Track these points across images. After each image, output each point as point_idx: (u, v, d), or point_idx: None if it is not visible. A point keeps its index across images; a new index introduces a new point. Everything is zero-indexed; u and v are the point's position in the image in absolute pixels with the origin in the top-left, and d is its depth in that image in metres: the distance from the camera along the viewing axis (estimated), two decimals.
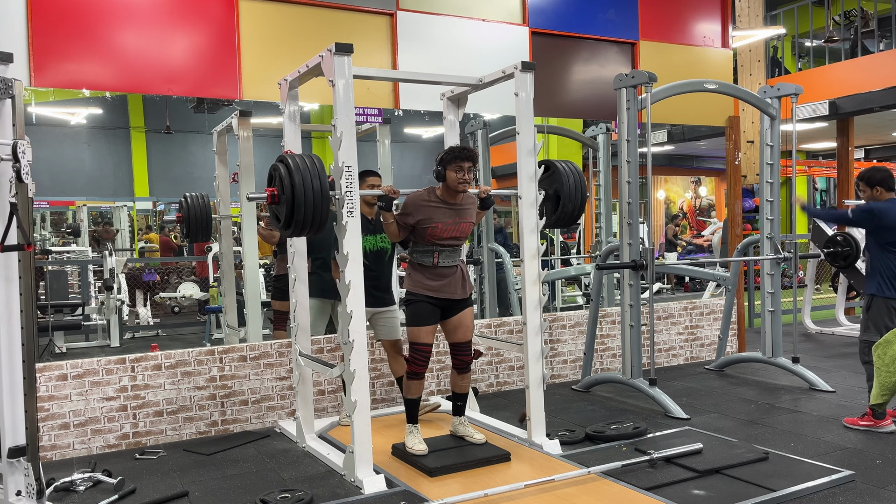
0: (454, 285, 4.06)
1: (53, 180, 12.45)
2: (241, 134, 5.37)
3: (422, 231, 3.98)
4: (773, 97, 5.85)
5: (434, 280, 4.02)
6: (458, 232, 4.04)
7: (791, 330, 6.15)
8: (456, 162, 3.91)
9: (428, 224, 3.96)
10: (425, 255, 4.03)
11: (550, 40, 6.09)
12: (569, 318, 6.16)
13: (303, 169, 3.57)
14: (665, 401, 4.99)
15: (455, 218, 4.02)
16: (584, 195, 4.54)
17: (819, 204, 16.49)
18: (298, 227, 3.63)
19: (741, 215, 7.10)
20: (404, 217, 3.99)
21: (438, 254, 4.02)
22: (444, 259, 4.03)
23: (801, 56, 12.47)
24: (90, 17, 4.54)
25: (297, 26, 5.11)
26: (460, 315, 4.11)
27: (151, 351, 4.70)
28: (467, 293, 4.13)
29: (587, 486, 3.59)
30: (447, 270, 4.05)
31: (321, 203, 3.59)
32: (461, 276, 4.11)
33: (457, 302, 4.09)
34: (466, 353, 4.15)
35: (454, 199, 4.02)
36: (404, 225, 4.00)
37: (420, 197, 4.02)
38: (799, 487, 3.50)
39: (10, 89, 3.17)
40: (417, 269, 4.06)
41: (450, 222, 3.99)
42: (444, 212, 4.00)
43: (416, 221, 3.97)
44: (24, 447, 3.28)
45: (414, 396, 4.11)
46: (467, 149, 3.96)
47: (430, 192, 4.04)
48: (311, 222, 3.61)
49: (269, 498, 3.52)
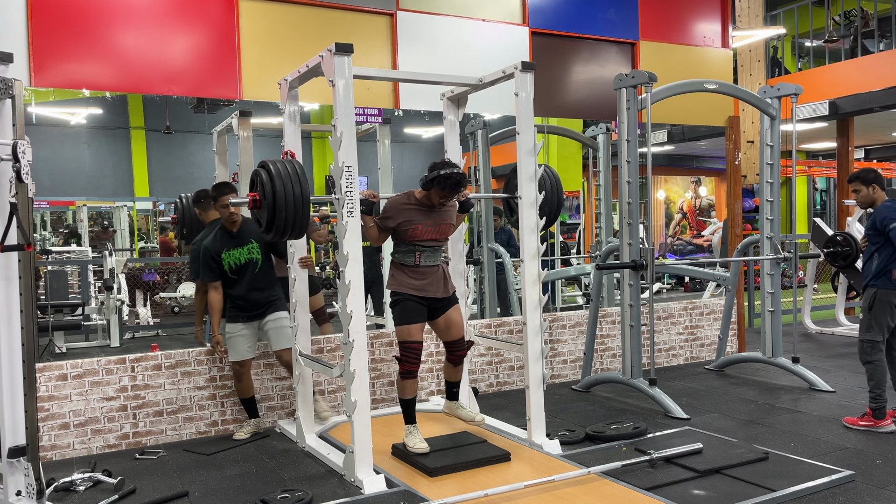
0: (437, 284, 4.12)
1: (53, 180, 12.45)
2: (241, 134, 5.37)
3: (402, 233, 4.06)
4: (773, 97, 5.85)
5: (417, 279, 4.08)
6: (439, 234, 4.13)
7: (791, 330, 6.15)
8: (445, 191, 3.98)
9: (408, 226, 4.04)
10: (407, 255, 4.10)
11: (550, 40, 6.09)
12: (569, 318, 6.16)
13: (283, 175, 3.65)
14: (665, 401, 4.99)
15: (435, 219, 4.10)
16: (561, 198, 4.72)
17: (819, 204, 16.47)
18: (279, 232, 3.73)
19: (741, 215, 7.10)
20: (385, 220, 4.07)
21: (420, 253, 4.09)
22: (425, 258, 4.10)
23: (801, 56, 12.46)
24: (90, 17, 4.54)
25: (297, 26, 5.11)
26: (448, 313, 4.19)
27: (151, 351, 4.70)
28: (450, 292, 4.21)
29: (587, 486, 3.59)
30: (429, 269, 4.11)
31: (301, 208, 3.68)
32: (443, 275, 4.18)
33: (441, 301, 4.15)
34: (461, 348, 4.30)
35: (433, 203, 4.10)
36: (385, 228, 4.09)
37: (400, 201, 4.10)
38: (799, 487, 3.50)
39: (10, 89, 3.17)
40: (400, 268, 4.12)
41: (429, 223, 4.08)
42: (424, 214, 4.08)
43: (396, 224, 4.05)
44: (24, 447, 3.28)
45: (409, 396, 4.11)
46: (461, 182, 3.97)
47: (410, 196, 4.12)
48: (291, 227, 3.71)
49: (269, 498, 3.52)
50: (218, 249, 4.50)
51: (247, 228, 4.58)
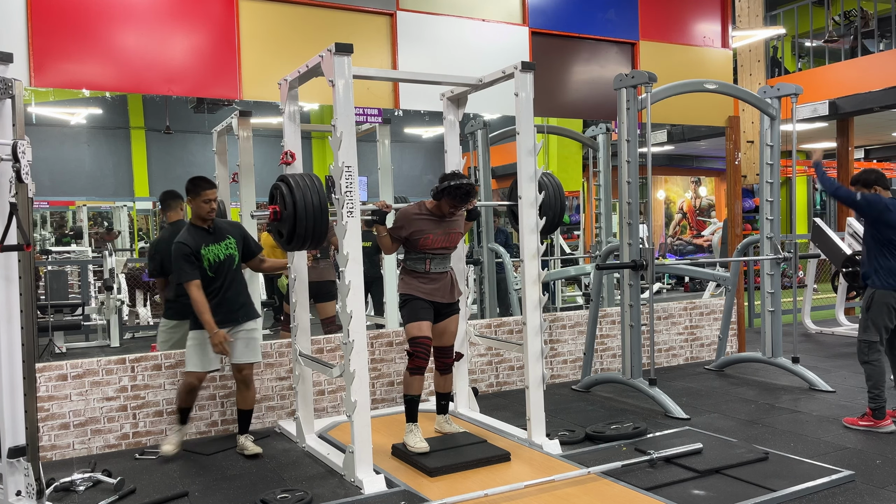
0: (444, 290, 4.25)
1: (53, 180, 12.43)
2: (241, 134, 5.37)
3: (414, 242, 4.18)
4: (773, 97, 5.85)
5: (427, 284, 4.20)
6: (448, 242, 4.25)
7: (791, 330, 6.15)
8: (455, 201, 4.10)
9: (420, 235, 4.15)
10: (418, 262, 4.22)
11: (550, 40, 6.09)
12: (569, 318, 6.16)
13: (303, 187, 3.81)
14: (665, 401, 4.98)
15: (445, 229, 4.22)
16: (563, 204, 4.77)
17: (819, 204, 16.48)
18: (300, 241, 3.86)
19: (741, 215, 7.11)
20: (397, 230, 4.19)
21: (430, 261, 4.21)
22: (435, 265, 4.22)
23: (801, 56, 12.46)
24: (90, 17, 4.54)
25: (297, 26, 5.11)
26: (447, 321, 4.31)
27: (151, 351, 4.70)
28: (455, 298, 4.33)
29: (587, 487, 3.59)
30: (438, 276, 4.24)
31: (321, 217, 3.81)
32: (451, 281, 4.31)
33: (445, 306, 4.27)
34: (448, 357, 4.39)
35: (443, 213, 4.20)
36: (398, 238, 4.20)
37: (411, 211, 4.22)
38: (799, 487, 3.50)
39: (10, 89, 3.17)
40: (411, 274, 4.23)
41: (440, 232, 4.20)
42: (435, 224, 4.20)
43: (408, 234, 4.16)
44: (24, 447, 3.28)
45: (415, 394, 4.15)
46: (470, 192, 4.10)
47: (421, 206, 4.24)
48: (311, 236, 3.84)
49: (269, 498, 3.52)
50: (197, 245, 4.23)
51: (220, 225, 4.40)
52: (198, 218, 4.31)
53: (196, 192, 4.29)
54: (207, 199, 4.28)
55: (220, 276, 4.30)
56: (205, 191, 4.28)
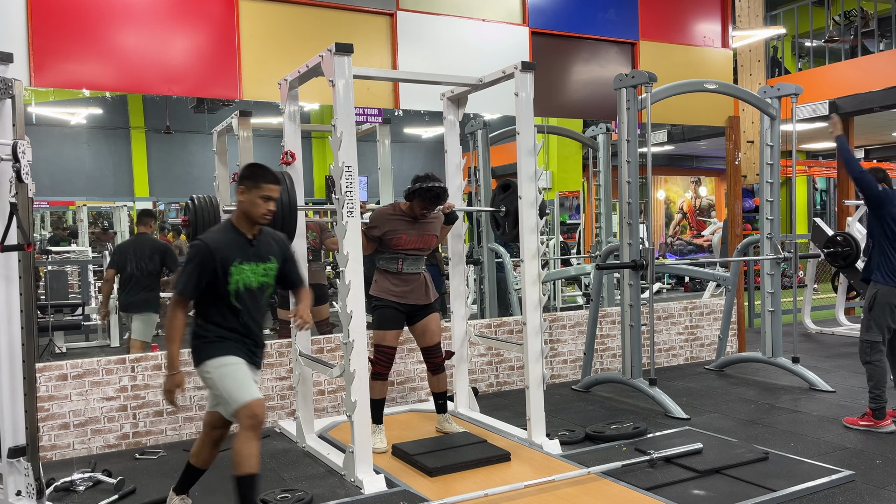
0: (418, 292, 4.29)
1: (53, 180, 12.43)
2: (241, 134, 5.37)
3: (388, 241, 4.22)
4: (773, 97, 5.85)
5: (399, 286, 4.24)
6: (422, 244, 4.28)
7: (791, 330, 6.15)
8: (425, 203, 4.15)
9: (392, 235, 4.20)
10: (391, 262, 4.27)
11: (550, 40, 6.09)
12: (569, 318, 6.16)
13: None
14: (665, 401, 4.98)
15: (419, 230, 4.26)
16: (544, 213, 4.80)
17: (819, 204, 16.48)
18: None
19: (741, 215, 7.11)
20: (371, 230, 4.23)
21: (403, 260, 4.25)
22: (408, 266, 4.27)
23: (801, 56, 12.46)
24: (90, 17, 4.54)
25: (297, 26, 5.11)
26: (426, 320, 4.33)
27: (151, 351, 4.70)
28: (430, 299, 4.36)
29: (587, 486, 3.59)
30: (411, 277, 4.29)
31: (289, 215, 3.80)
32: (424, 282, 4.35)
33: (421, 308, 4.31)
34: (437, 356, 4.39)
35: (415, 214, 4.24)
36: (372, 237, 4.23)
37: (385, 212, 4.28)
38: (799, 487, 3.50)
39: (10, 89, 3.17)
40: (384, 274, 4.28)
41: (413, 233, 4.24)
42: (408, 224, 4.24)
43: (382, 233, 4.21)
44: (24, 447, 3.28)
45: (378, 397, 4.22)
46: (440, 196, 4.15)
47: (395, 207, 4.29)
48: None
49: (269, 498, 3.52)
50: (227, 259, 3.05)
51: (266, 239, 3.24)
52: (245, 219, 3.13)
53: (254, 181, 3.10)
54: (267, 197, 3.11)
55: (253, 307, 3.15)
56: (267, 183, 3.10)
